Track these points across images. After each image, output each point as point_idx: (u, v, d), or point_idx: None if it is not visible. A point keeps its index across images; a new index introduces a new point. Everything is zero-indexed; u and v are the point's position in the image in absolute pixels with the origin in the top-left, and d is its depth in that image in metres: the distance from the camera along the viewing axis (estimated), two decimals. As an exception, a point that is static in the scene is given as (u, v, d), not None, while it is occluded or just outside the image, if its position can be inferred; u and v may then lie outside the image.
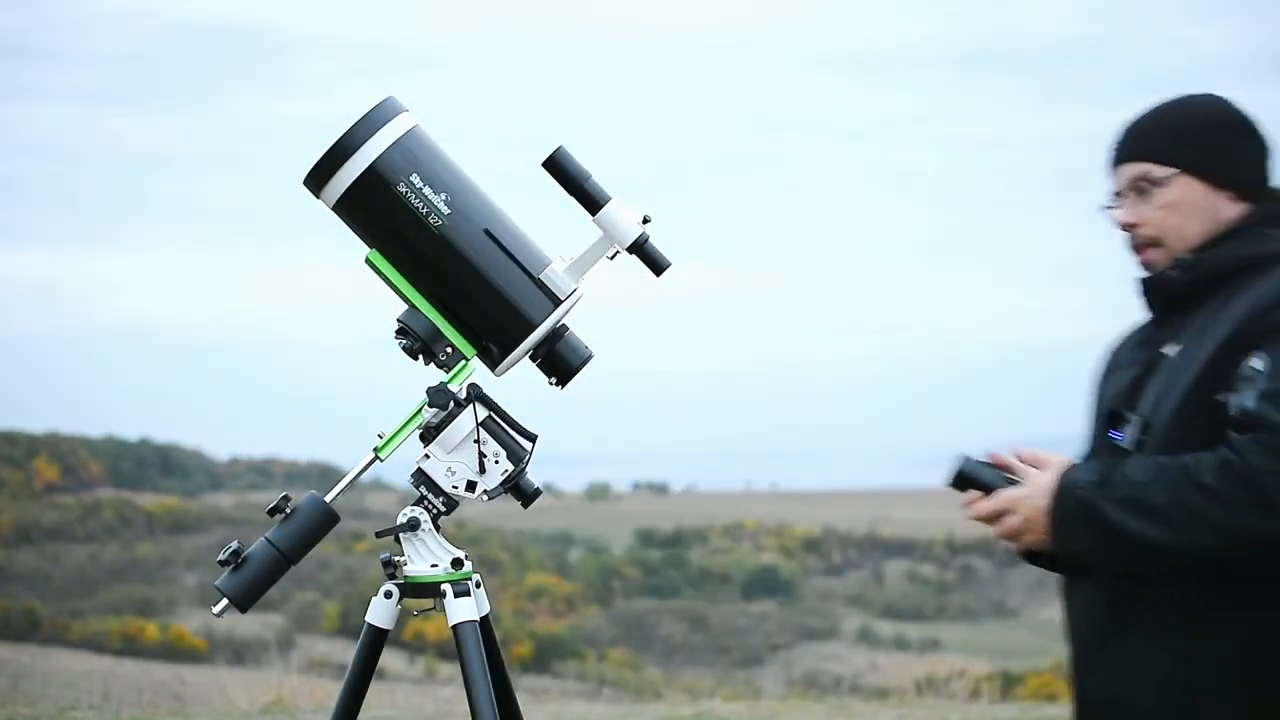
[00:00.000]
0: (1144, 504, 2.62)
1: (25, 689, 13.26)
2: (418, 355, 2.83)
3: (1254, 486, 2.56)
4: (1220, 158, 2.84)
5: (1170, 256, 2.82)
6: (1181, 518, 2.60)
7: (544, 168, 2.80)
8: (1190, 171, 2.82)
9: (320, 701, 8.90)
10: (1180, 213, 2.81)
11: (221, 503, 60.76)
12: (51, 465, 59.24)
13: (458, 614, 2.80)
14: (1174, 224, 2.81)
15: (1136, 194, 2.83)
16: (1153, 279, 2.84)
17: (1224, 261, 2.77)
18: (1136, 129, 2.88)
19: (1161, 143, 2.84)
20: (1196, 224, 2.81)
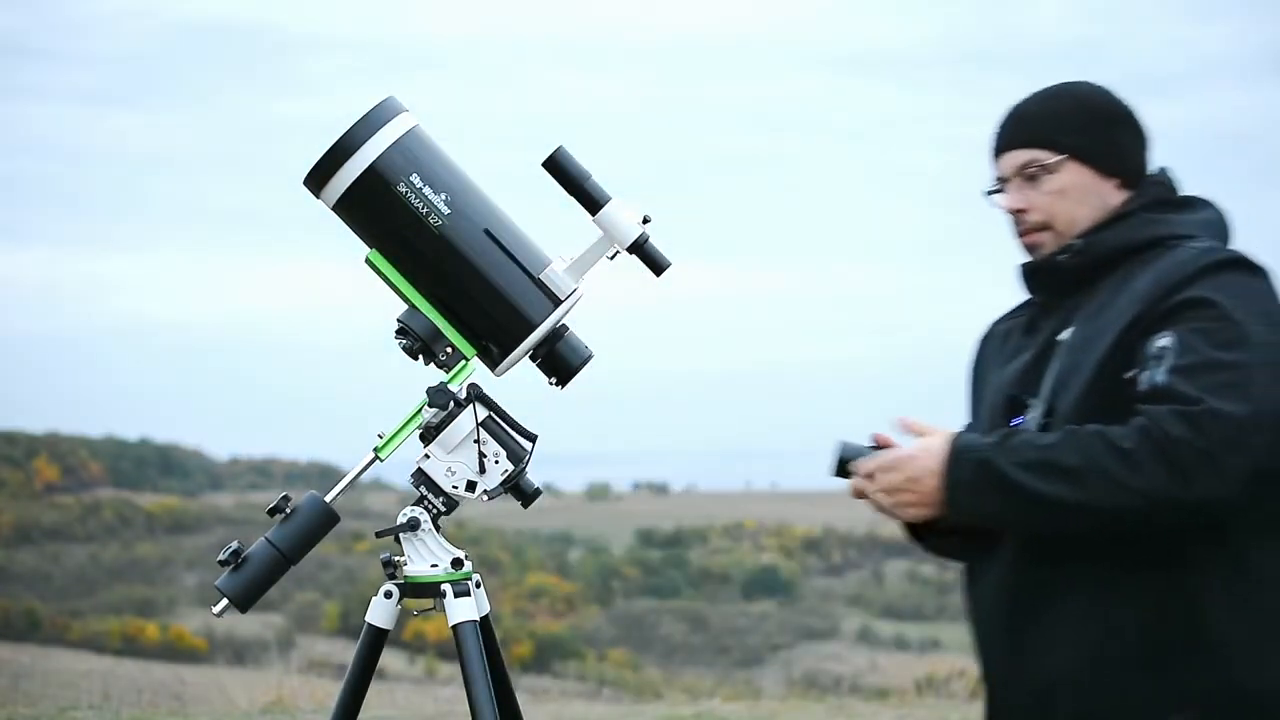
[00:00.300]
0: (1053, 465, 2.62)
1: (25, 689, 13.25)
2: (418, 355, 2.83)
3: (1170, 454, 2.57)
4: (1107, 145, 2.87)
5: (1058, 241, 2.84)
6: (1095, 479, 2.60)
7: (544, 168, 2.80)
8: (1079, 158, 2.85)
9: (320, 701, 8.90)
10: (1069, 198, 2.84)
11: (221, 503, 60.74)
12: (51, 465, 59.23)
13: (458, 614, 2.80)
14: (1063, 209, 2.84)
15: (1024, 180, 2.85)
16: (1041, 263, 2.86)
17: (1113, 245, 2.81)
18: (1024, 115, 2.89)
19: (1051, 129, 2.86)
20: (1085, 209, 2.84)
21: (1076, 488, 2.61)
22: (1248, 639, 2.69)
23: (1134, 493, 2.60)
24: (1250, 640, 2.69)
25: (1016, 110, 2.92)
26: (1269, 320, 2.68)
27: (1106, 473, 2.60)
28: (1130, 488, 2.60)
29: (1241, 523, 2.70)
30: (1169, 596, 2.69)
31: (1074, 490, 2.61)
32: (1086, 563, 2.72)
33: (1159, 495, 2.60)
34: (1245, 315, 2.66)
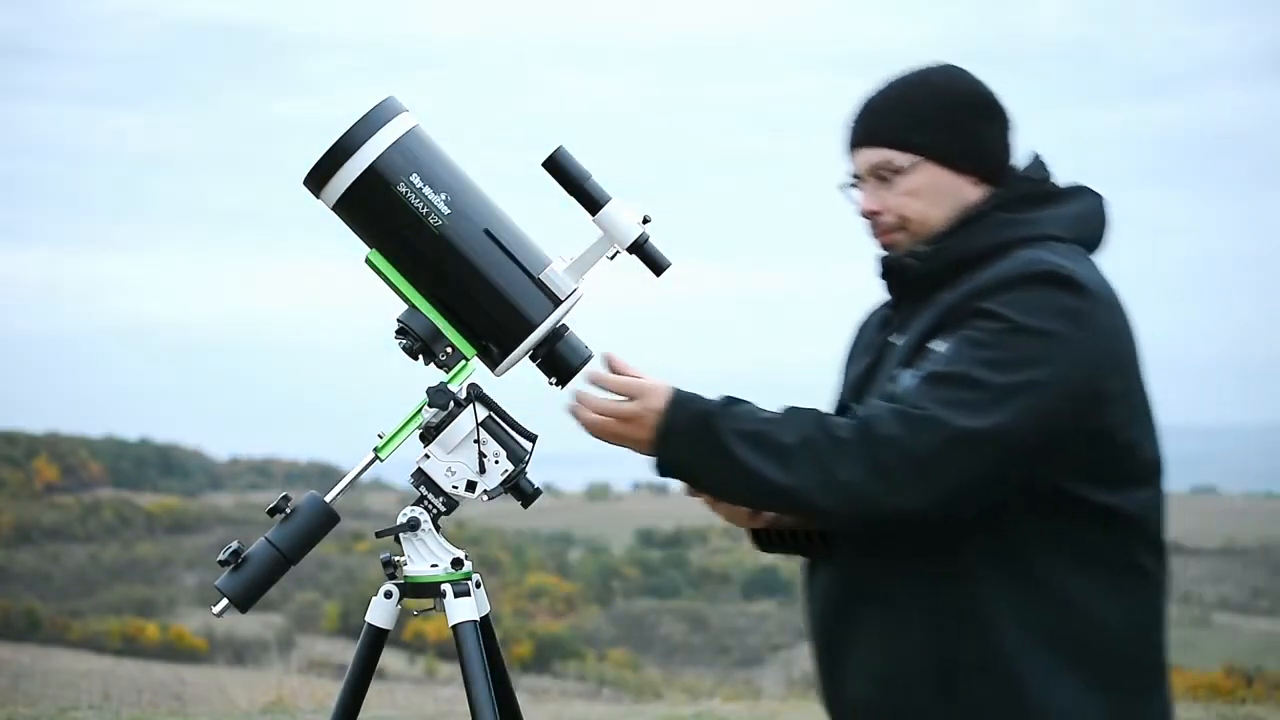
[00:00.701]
0: (768, 439, 2.58)
1: (25, 689, 13.25)
2: (418, 355, 2.83)
3: (878, 452, 2.53)
4: (963, 141, 2.78)
5: (914, 241, 2.77)
6: (804, 463, 2.56)
7: (544, 168, 2.80)
8: (933, 157, 2.76)
9: (320, 701, 8.90)
10: (924, 199, 2.76)
11: (221, 503, 60.73)
12: (51, 465, 59.22)
13: (458, 614, 2.80)
14: (917, 210, 2.76)
15: (877, 180, 2.77)
16: (891, 263, 2.80)
17: (960, 252, 2.73)
18: (875, 111, 2.80)
19: (902, 128, 2.77)
20: (940, 209, 2.76)
21: (783, 468, 2.57)
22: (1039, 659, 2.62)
23: (837, 485, 2.55)
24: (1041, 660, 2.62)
25: (869, 105, 2.82)
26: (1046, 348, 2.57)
27: (817, 458, 2.55)
28: (835, 479, 2.55)
29: (1029, 538, 2.63)
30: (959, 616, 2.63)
31: (780, 470, 2.57)
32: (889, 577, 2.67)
33: (859, 491, 2.55)
34: (1025, 337, 2.58)
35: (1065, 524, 2.64)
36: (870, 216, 2.79)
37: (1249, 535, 67.75)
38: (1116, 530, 2.67)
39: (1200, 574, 61.76)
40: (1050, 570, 2.63)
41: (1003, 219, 2.74)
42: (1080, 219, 2.77)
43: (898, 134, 2.77)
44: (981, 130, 2.79)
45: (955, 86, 2.80)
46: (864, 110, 2.81)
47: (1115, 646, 2.66)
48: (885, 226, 2.79)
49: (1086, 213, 2.78)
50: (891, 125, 2.77)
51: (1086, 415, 2.60)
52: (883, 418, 2.56)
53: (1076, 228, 2.75)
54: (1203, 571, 62.17)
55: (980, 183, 2.77)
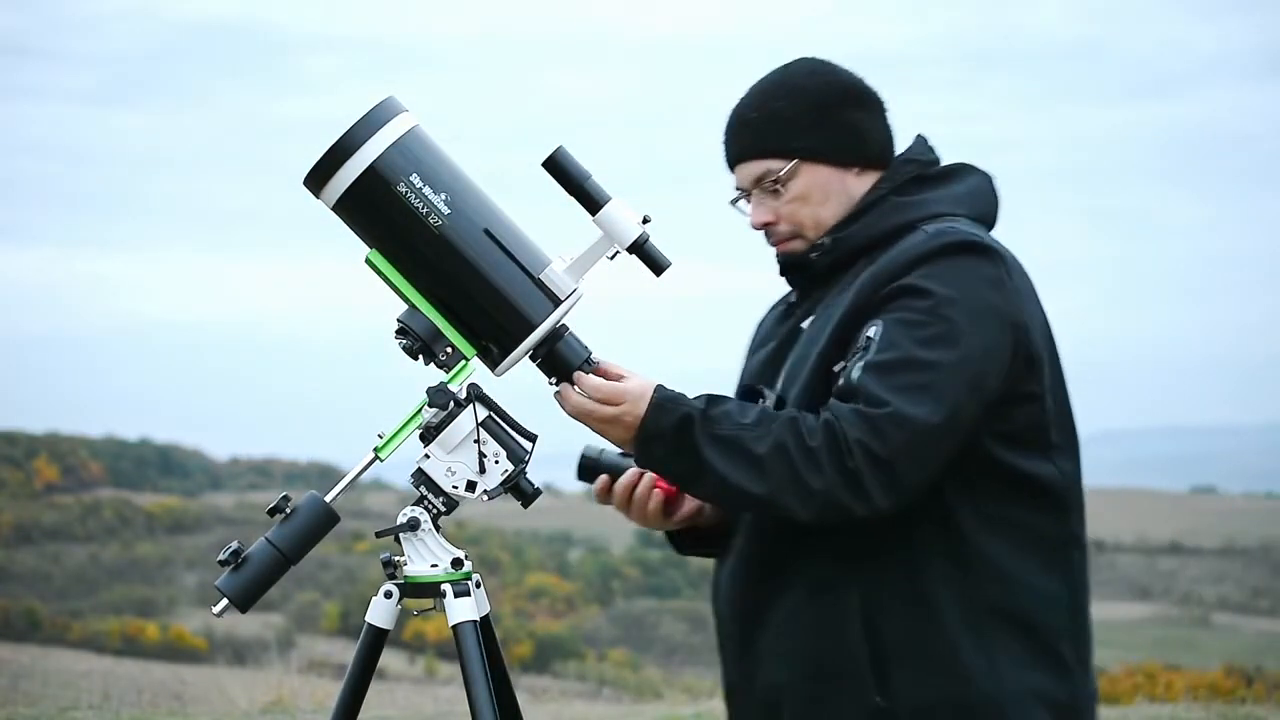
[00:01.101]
0: (743, 448, 2.58)
1: (25, 689, 13.25)
2: (417, 355, 2.83)
3: (847, 458, 2.54)
4: (838, 136, 2.77)
5: (810, 244, 2.78)
6: (778, 472, 2.56)
7: (544, 168, 2.80)
8: (812, 158, 2.76)
9: (320, 701, 8.90)
10: (812, 202, 2.77)
11: (221, 503, 60.73)
12: (51, 465, 59.22)
13: (458, 614, 2.80)
14: (809, 214, 2.77)
15: (763, 191, 2.78)
16: (794, 260, 2.80)
17: (862, 238, 2.74)
18: (748, 123, 2.80)
19: (775, 136, 2.77)
20: (831, 208, 2.77)
21: (758, 478, 2.57)
22: (981, 637, 2.62)
23: (811, 494, 2.55)
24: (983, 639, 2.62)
25: (739, 117, 2.82)
26: (978, 316, 2.59)
27: (789, 467, 2.56)
28: (810, 488, 2.55)
29: (965, 516, 2.64)
30: (900, 598, 2.62)
31: (753, 479, 2.57)
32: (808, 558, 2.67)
33: (832, 500, 2.55)
34: (955, 309, 2.59)
35: (1000, 498, 2.66)
36: (764, 228, 2.81)
37: (1249, 535, 67.73)
38: (1049, 503, 2.68)
39: (1200, 574, 61.76)
40: (988, 547, 2.64)
41: (897, 202, 2.75)
42: (973, 196, 2.78)
43: (772, 143, 2.77)
44: (854, 121, 2.79)
45: (819, 82, 2.80)
46: (735, 125, 2.82)
47: (1055, 620, 2.67)
48: (781, 236, 2.80)
49: (977, 190, 2.79)
50: (764, 135, 2.78)
51: (1018, 379, 2.63)
52: (844, 419, 2.56)
53: (970, 205, 2.77)
54: (1203, 571, 62.16)
55: (864, 172, 2.79)
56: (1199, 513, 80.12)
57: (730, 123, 2.83)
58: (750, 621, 2.74)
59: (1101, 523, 67.11)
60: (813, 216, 2.77)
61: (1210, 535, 66.74)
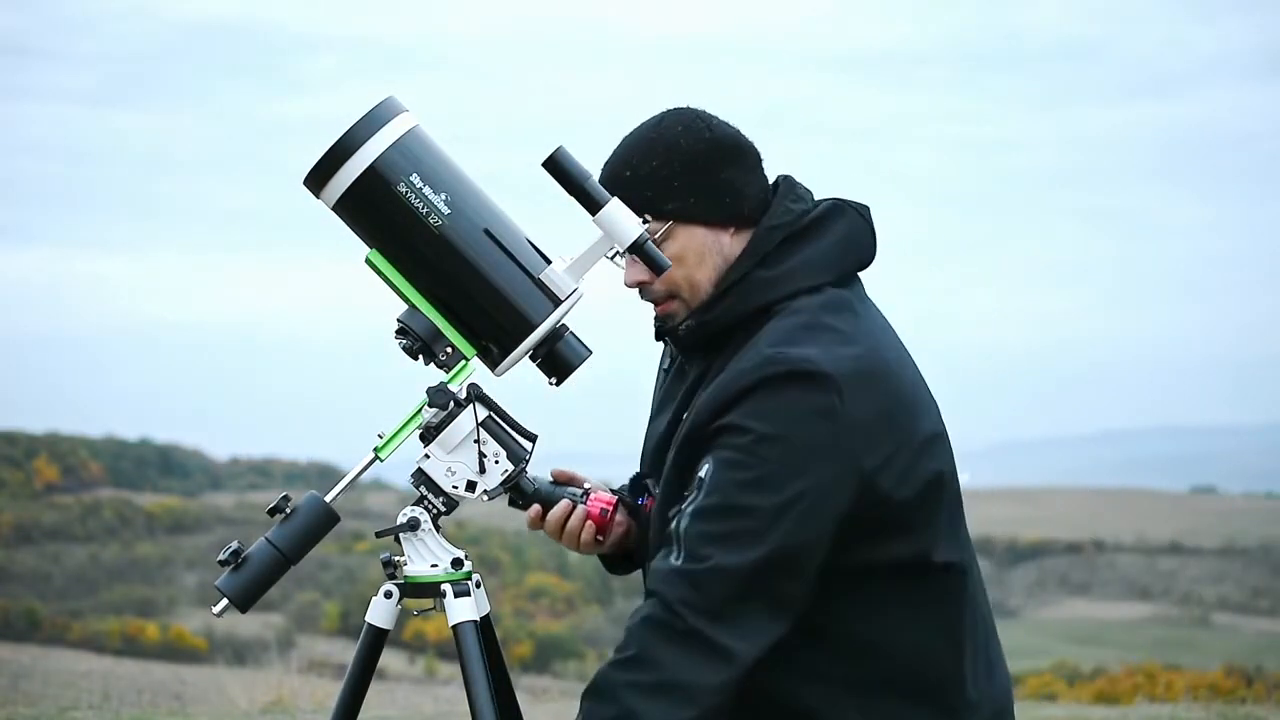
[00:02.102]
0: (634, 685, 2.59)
1: (25, 689, 13.26)
2: (417, 355, 2.83)
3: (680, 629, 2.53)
4: (712, 195, 2.74)
5: (688, 307, 2.76)
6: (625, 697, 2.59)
7: (544, 168, 2.80)
8: (685, 219, 2.74)
9: (320, 701, 8.90)
10: (686, 264, 2.74)
11: (221, 503, 60.76)
12: (51, 465, 59.25)
13: (458, 614, 2.80)
14: (683, 275, 2.75)
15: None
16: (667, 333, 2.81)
17: (724, 323, 2.73)
18: (619, 182, 2.76)
19: (650, 196, 2.74)
20: (705, 270, 2.75)
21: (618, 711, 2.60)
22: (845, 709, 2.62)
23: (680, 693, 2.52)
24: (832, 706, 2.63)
25: (612, 175, 2.79)
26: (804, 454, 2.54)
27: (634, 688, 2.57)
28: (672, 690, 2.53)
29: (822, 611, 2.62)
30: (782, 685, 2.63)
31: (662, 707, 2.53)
32: None
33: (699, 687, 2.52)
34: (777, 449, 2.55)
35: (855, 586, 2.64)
36: (638, 288, 2.80)
37: (1249, 535, 67.76)
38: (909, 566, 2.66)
39: (1200, 574, 61.78)
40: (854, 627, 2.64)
41: (760, 279, 2.72)
42: (841, 246, 2.75)
43: (645, 202, 2.74)
44: (728, 178, 2.76)
45: (693, 140, 2.76)
46: (609, 181, 2.78)
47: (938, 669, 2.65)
48: (656, 297, 2.79)
49: (848, 237, 2.76)
50: (636, 194, 2.75)
51: (859, 497, 2.58)
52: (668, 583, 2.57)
53: (838, 260, 2.74)
54: (1203, 571, 62.19)
55: (739, 231, 2.76)
56: (1199, 513, 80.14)
57: (602, 180, 2.79)
58: None
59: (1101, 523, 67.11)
60: (688, 279, 2.75)
61: (1210, 535, 66.77)
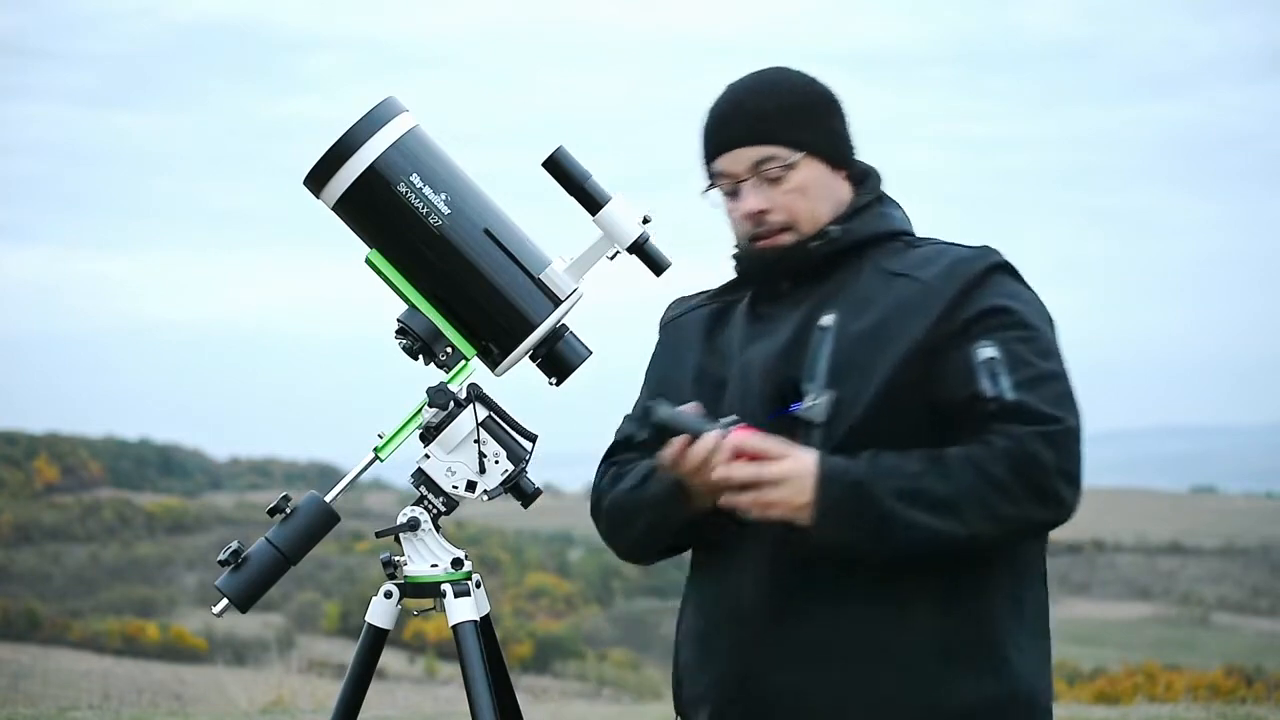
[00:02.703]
0: (926, 495, 2.55)
1: (25, 689, 13.26)
2: (418, 355, 2.83)
3: (1039, 480, 2.55)
4: (836, 139, 2.80)
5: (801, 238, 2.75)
6: (971, 509, 2.55)
7: (544, 168, 2.80)
8: (814, 154, 2.76)
9: (320, 701, 8.90)
10: (810, 196, 2.75)
11: (221, 503, 60.78)
12: (51, 465, 59.28)
13: (458, 614, 2.80)
14: (805, 208, 2.75)
15: (761, 179, 2.74)
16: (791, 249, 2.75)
17: (864, 235, 2.75)
18: (755, 110, 2.77)
19: (788, 125, 2.75)
20: (825, 206, 2.76)
21: (953, 519, 2.55)
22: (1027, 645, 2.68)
23: (1009, 520, 2.56)
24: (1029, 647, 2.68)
25: (741, 104, 2.78)
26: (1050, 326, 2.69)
27: (983, 502, 2.55)
28: (1006, 516, 2.56)
29: None
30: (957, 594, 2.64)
31: (950, 522, 2.55)
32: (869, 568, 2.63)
33: (1032, 520, 2.59)
34: (1041, 326, 2.65)
35: None
36: (756, 217, 2.76)
37: (1249, 535, 67.76)
38: None
39: (1200, 574, 61.77)
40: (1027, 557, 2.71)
41: (882, 212, 2.79)
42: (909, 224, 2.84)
43: (783, 131, 2.75)
44: (844, 129, 2.82)
45: (817, 87, 2.81)
46: (738, 111, 2.78)
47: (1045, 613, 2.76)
48: (773, 227, 2.76)
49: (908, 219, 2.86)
50: (776, 123, 2.76)
51: None
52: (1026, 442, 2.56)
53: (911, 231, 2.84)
54: (1203, 571, 62.18)
55: (847, 179, 2.80)
56: (1199, 513, 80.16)
57: (726, 109, 2.79)
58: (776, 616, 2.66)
59: (1101, 523, 67.11)
60: (810, 211, 2.75)
61: (1210, 535, 66.78)
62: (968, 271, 2.66)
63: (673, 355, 2.86)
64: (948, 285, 2.65)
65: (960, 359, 2.61)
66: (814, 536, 2.58)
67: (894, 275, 2.70)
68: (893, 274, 2.71)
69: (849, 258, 2.74)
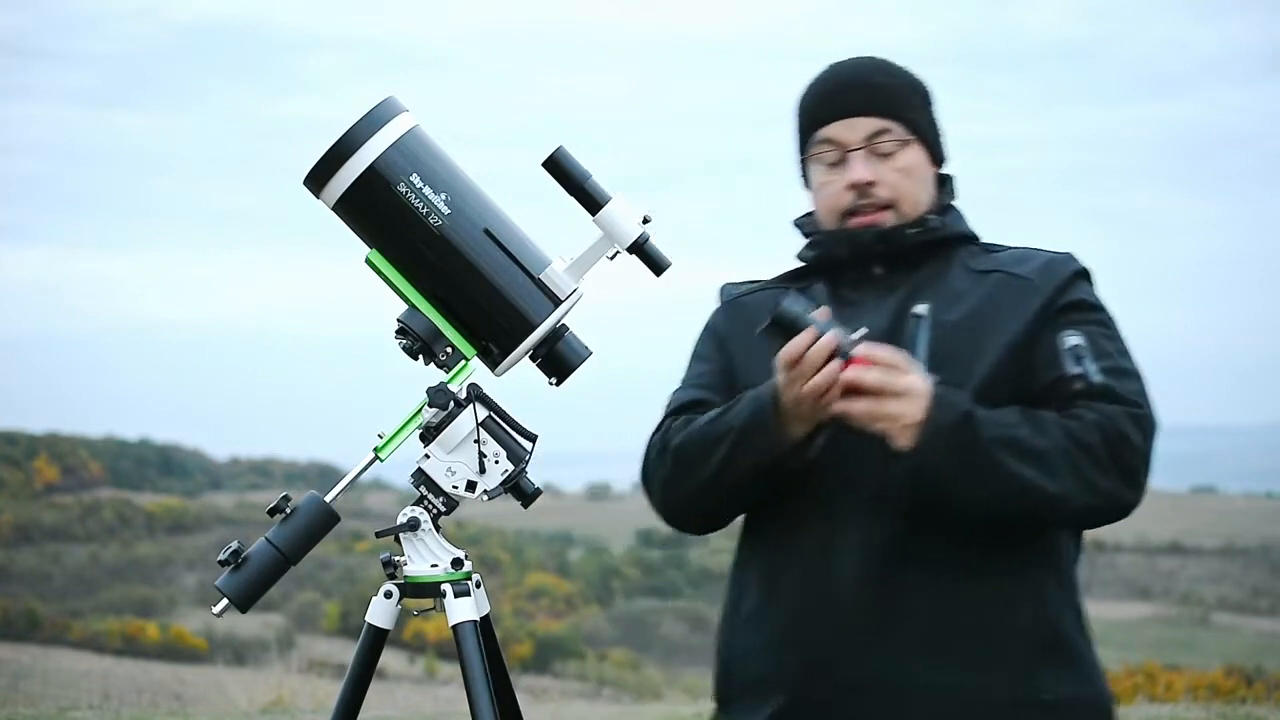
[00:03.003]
0: (1026, 446, 2.52)
1: (25, 689, 13.26)
2: (417, 355, 2.83)
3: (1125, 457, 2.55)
4: (938, 133, 2.83)
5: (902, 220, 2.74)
6: (1061, 466, 2.52)
7: (544, 168, 2.80)
8: (922, 140, 2.77)
9: (320, 701, 8.90)
10: (913, 179, 2.75)
11: (221, 503, 60.80)
12: (51, 465, 59.31)
13: (458, 614, 2.80)
14: (909, 190, 2.74)
15: (871, 153, 2.73)
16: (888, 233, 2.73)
17: (956, 232, 2.75)
18: (879, 85, 2.76)
19: (908, 105, 2.76)
20: (924, 190, 2.76)
21: (1045, 473, 2.52)
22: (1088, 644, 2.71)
23: (1098, 490, 2.54)
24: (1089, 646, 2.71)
25: (865, 76, 2.78)
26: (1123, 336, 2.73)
27: (1075, 465, 2.53)
28: (1097, 486, 2.54)
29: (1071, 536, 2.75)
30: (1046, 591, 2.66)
31: (1042, 475, 2.52)
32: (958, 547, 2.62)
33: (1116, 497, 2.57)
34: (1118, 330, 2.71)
35: None
36: (863, 188, 2.74)
37: (1249, 535, 67.73)
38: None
39: (1200, 574, 61.75)
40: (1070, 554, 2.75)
41: (961, 215, 2.81)
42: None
43: (903, 109, 2.76)
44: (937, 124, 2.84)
45: (917, 78, 2.84)
46: (862, 81, 2.77)
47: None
48: (878, 201, 2.74)
49: None
50: (896, 100, 2.76)
51: None
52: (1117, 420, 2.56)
53: None
54: (1203, 571, 62.15)
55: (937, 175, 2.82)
56: (1199, 513, 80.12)
57: (846, 78, 2.77)
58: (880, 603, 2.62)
59: (1101, 523, 67.11)
60: (912, 194, 2.74)
61: (1210, 535, 66.75)
62: (1063, 271, 2.70)
63: (743, 328, 2.82)
64: (1045, 282, 2.68)
65: (1047, 346, 2.63)
66: (916, 459, 2.53)
67: (983, 273, 2.71)
68: (981, 272, 2.71)
69: (939, 251, 2.75)
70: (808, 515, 2.69)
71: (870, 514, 2.63)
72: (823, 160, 2.78)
